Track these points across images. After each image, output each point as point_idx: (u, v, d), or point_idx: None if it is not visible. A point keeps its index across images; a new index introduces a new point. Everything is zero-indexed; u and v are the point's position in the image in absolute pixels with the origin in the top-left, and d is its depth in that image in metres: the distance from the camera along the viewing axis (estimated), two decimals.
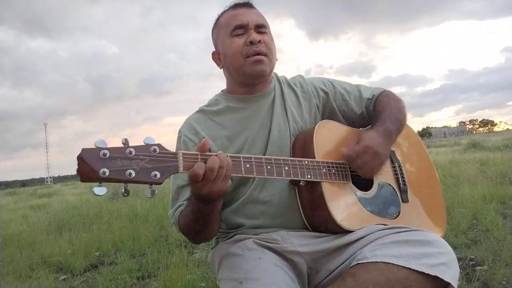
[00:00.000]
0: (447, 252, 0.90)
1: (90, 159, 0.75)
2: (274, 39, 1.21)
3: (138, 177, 0.78)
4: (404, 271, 0.85)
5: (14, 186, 47.18)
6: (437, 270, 0.85)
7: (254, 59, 1.12)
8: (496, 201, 3.64)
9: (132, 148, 0.78)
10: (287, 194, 1.11)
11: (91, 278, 2.83)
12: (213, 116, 1.22)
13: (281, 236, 1.08)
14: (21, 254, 3.56)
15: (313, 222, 1.09)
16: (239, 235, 1.14)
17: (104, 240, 3.69)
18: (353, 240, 1.00)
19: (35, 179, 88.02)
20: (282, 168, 0.99)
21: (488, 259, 2.18)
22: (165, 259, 2.83)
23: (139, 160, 0.79)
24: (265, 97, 1.22)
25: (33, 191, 17.28)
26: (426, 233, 0.95)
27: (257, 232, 1.12)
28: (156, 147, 0.81)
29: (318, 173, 1.04)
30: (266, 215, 1.12)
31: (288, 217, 1.11)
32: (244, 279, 0.95)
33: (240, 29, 1.14)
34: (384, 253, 0.89)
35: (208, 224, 1.03)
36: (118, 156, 0.77)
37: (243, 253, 1.05)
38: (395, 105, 1.23)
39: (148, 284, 2.53)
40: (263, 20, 1.18)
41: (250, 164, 0.94)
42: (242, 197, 1.14)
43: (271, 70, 1.18)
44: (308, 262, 1.04)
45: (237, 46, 1.13)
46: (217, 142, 1.17)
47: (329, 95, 1.26)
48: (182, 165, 0.83)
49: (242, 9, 1.18)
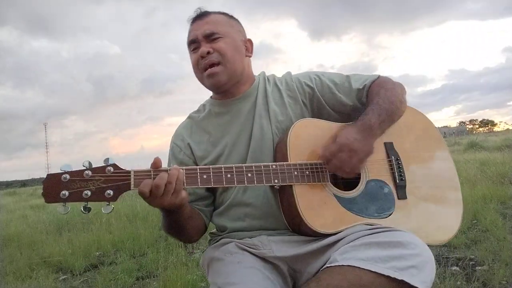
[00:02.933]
0: (419, 254, 0.86)
1: (52, 183, 0.88)
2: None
3: (94, 196, 0.89)
4: (369, 275, 0.82)
5: (14, 186, 47.17)
6: (405, 274, 0.82)
7: (206, 73, 1.15)
8: (496, 201, 3.64)
9: (89, 170, 0.89)
10: (269, 196, 1.11)
11: (91, 278, 2.83)
12: (199, 121, 1.25)
13: (261, 241, 1.08)
14: (21, 254, 3.55)
15: (293, 225, 1.08)
16: (224, 239, 1.15)
17: (104, 240, 3.69)
18: (332, 242, 0.98)
19: (35, 179, 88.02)
20: (244, 175, 0.99)
21: (488, 259, 2.18)
22: (164, 259, 2.83)
23: (95, 181, 0.90)
24: (247, 98, 1.22)
25: (33, 191, 17.28)
26: (401, 234, 0.91)
27: (240, 236, 1.13)
28: (111, 168, 0.91)
29: (288, 177, 1.02)
30: (250, 217, 1.13)
31: (271, 219, 1.11)
32: (222, 284, 0.96)
33: (193, 43, 1.18)
34: (352, 256, 0.86)
35: (182, 228, 1.09)
36: (76, 179, 0.88)
37: (224, 258, 1.07)
38: (385, 94, 1.13)
39: (148, 284, 2.53)
40: (214, 27, 1.16)
41: (207, 174, 0.97)
42: (227, 200, 1.16)
43: (232, 75, 1.16)
44: (289, 264, 1.04)
45: (194, 61, 1.18)
46: (201, 147, 1.20)
47: (315, 90, 1.20)
48: (133, 183, 0.92)
49: (196, 22, 1.19)
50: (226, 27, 1.18)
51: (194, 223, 1.12)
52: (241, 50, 1.19)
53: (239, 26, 1.24)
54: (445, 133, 53.36)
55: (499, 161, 5.82)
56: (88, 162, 0.90)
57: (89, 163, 0.90)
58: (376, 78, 1.21)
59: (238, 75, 1.18)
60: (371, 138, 1.06)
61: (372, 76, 1.22)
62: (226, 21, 1.20)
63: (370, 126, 1.06)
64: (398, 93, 1.16)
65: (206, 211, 1.19)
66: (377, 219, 1.05)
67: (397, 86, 1.19)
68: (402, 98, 1.17)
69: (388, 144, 1.17)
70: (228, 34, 1.17)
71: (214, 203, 1.22)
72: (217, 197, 1.21)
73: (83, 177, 0.88)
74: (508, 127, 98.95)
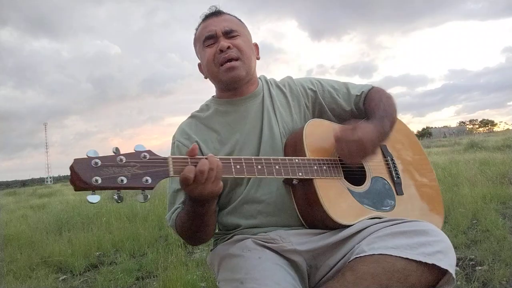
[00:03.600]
0: (442, 240, 0.92)
1: (82, 168, 0.77)
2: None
3: (130, 183, 0.80)
4: (401, 261, 0.87)
5: (14, 186, 47.20)
6: (434, 259, 0.87)
7: (226, 67, 1.16)
8: (496, 201, 3.64)
9: (122, 155, 0.81)
10: (282, 193, 1.12)
11: (91, 278, 2.83)
12: (204, 120, 1.25)
13: (279, 235, 1.08)
14: (21, 254, 3.56)
15: (309, 219, 1.10)
16: (238, 236, 1.14)
17: (104, 240, 3.70)
18: (350, 235, 1.01)
19: (35, 179, 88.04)
20: (272, 167, 1.00)
21: (488, 259, 2.19)
22: (164, 259, 2.82)
23: (130, 167, 0.81)
24: (253, 98, 1.24)
25: (33, 191, 17.29)
26: (421, 223, 0.97)
27: (255, 232, 1.13)
28: (146, 154, 0.84)
29: (310, 170, 1.05)
30: (263, 214, 1.13)
31: (284, 215, 1.12)
32: (244, 279, 0.95)
33: (210, 39, 1.19)
34: (381, 245, 0.90)
35: (204, 225, 1.05)
36: (109, 164, 0.79)
37: (243, 253, 1.05)
38: (388, 102, 1.22)
39: (148, 284, 2.53)
40: (233, 25, 1.21)
41: (240, 165, 0.96)
42: (238, 197, 1.16)
43: (248, 72, 1.20)
44: (307, 260, 1.05)
45: (210, 55, 1.18)
46: (209, 145, 1.19)
47: (317, 93, 1.28)
48: (173, 169, 0.86)
49: (211, 19, 1.22)
50: (241, 28, 1.24)
51: (214, 220, 1.11)
52: (253, 50, 1.26)
53: (248, 30, 1.29)
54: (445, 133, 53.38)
55: (499, 161, 5.82)
56: (117, 148, 0.82)
57: (117, 148, 0.82)
58: (371, 87, 1.30)
59: (251, 73, 1.23)
60: (382, 142, 1.14)
61: (366, 85, 1.33)
62: (240, 23, 1.26)
63: (385, 133, 1.13)
64: (394, 102, 1.25)
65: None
66: (384, 212, 1.13)
67: (392, 96, 1.28)
68: (396, 107, 1.25)
69: (382, 145, 1.27)
70: (244, 34, 1.23)
71: (218, 203, 1.21)
72: (223, 196, 1.19)
73: (116, 163, 0.79)
74: (508, 127, 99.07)
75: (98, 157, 0.79)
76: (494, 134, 28.82)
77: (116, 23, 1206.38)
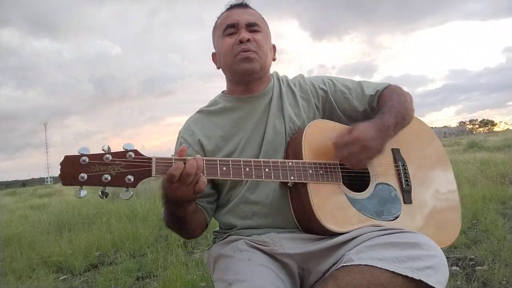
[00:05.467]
0: (435, 255, 0.88)
1: (71, 165, 0.85)
2: (275, 39, 1.24)
3: (114, 181, 0.87)
4: (387, 274, 0.84)
5: (14, 186, 47.18)
6: (422, 274, 0.83)
7: (241, 56, 1.13)
8: (496, 201, 3.64)
9: (109, 154, 0.87)
10: (279, 195, 1.11)
11: (91, 278, 2.84)
12: (211, 116, 1.24)
13: (271, 238, 1.07)
14: (21, 254, 3.56)
15: (304, 223, 1.08)
16: (232, 236, 1.14)
17: (104, 240, 3.70)
18: (343, 242, 0.99)
19: (35, 179, 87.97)
20: (262, 169, 0.99)
21: (488, 259, 2.19)
22: (164, 259, 2.83)
23: (115, 165, 0.87)
24: (262, 97, 1.22)
25: (33, 191, 17.28)
26: (416, 235, 0.93)
27: (249, 233, 1.12)
28: (132, 153, 0.89)
29: (303, 174, 1.03)
30: (258, 215, 1.13)
31: (280, 217, 1.11)
32: (232, 281, 0.96)
33: (231, 28, 1.17)
34: (369, 256, 0.87)
35: (185, 223, 1.07)
36: (96, 162, 0.86)
37: (234, 254, 1.06)
38: (398, 99, 1.17)
39: (148, 284, 2.53)
40: (256, 19, 1.19)
41: (226, 166, 0.96)
42: (235, 198, 1.15)
43: (262, 68, 1.18)
44: (299, 263, 1.04)
45: (228, 45, 1.16)
46: (211, 141, 1.19)
47: (328, 93, 1.24)
48: (155, 170, 0.90)
49: (236, 9, 1.20)
50: (264, 25, 1.22)
51: (197, 218, 1.12)
52: (271, 50, 1.25)
53: (269, 31, 1.27)
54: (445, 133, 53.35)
55: (499, 161, 5.82)
56: (107, 146, 0.87)
57: (108, 147, 0.87)
58: (387, 85, 1.25)
59: (265, 71, 1.21)
60: (386, 138, 1.08)
61: (383, 83, 1.26)
62: (263, 20, 1.24)
63: (388, 126, 1.08)
64: (408, 100, 1.20)
65: (208, 208, 1.19)
66: (386, 221, 1.08)
67: (407, 94, 1.22)
68: (412, 106, 1.20)
69: (395, 150, 1.20)
70: (265, 31, 1.22)
71: (218, 201, 1.22)
72: (223, 195, 1.19)
73: (103, 161, 0.86)
74: (508, 127, 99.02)
75: (87, 154, 0.86)
76: (494, 134, 28.80)
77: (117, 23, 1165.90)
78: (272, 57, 1.26)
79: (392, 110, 1.13)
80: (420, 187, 1.18)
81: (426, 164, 1.24)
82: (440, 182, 1.24)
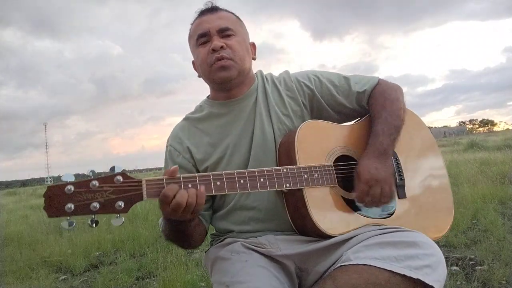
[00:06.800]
0: (433, 254, 0.88)
1: (55, 196, 0.80)
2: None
3: (103, 208, 0.82)
4: (385, 273, 0.83)
5: (14, 186, 47.15)
6: (420, 273, 0.83)
7: (217, 65, 1.11)
8: (496, 201, 3.63)
9: (96, 180, 0.82)
10: (274, 199, 1.10)
11: (91, 278, 2.83)
12: (197, 123, 1.22)
13: (268, 240, 1.07)
14: (21, 254, 3.56)
15: (300, 227, 1.07)
16: (229, 239, 1.14)
17: (104, 240, 3.70)
18: (341, 241, 0.98)
19: (35, 179, 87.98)
20: (257, 180, 0.96)
21: (487, 259, 2.18)
22: (164, 259, 2.82)
23: (103, 191, 0.82)
24: (247, 99, 1.19)
25: (33, 191, 17.27)
26: (414, 234, 0.93)
27: (246, 236, 1.12)
28: (120, 177, 0.84)
29: (298, 180, 1.01)
30: (254, 220, 1.12)
31: (276, 221, 1.11)
32: (231, 283, 0.95)
33: (203, 37, 1.14)
34: (367, 255, 0.87)
35: (186, 237, 1.06)
36: (82, 190, 0.81)
37: (231, 257, 1.05)
38: (392, 107, 1.14)
39: (148, 284, 2.53)
40: (228, 23, 1.15)
41: (220, 181, 0.93)
42: (230, 203, 1.15)
43: (240, 73, 1.14)
44: (297, 263, 1.04)
45: (203, 55, 1.13)
46: (200, 149, 1.17)
47: (314, 91, 1.19)
48: (146, 193, 0.86)
49: (206, 15, 1.16)
50: (237, 26, 1.18)
51: (200, 229, 1.11)
52: (249, 51, 1.20)
53: (246, 29, 1.23)
54: (445, 133, 53.33)
55: (499, 161, 5.82)
56: (92, 171, 0.83)
57: (93, 172, 0.83)
58: (376, 83, 1.21)
59: (244, 75, 1.17)
60: (388, 159, 1.08)
61: (372, 79, 1.22)
62: (236, 21, 1.19)
63: (385, 150, 1.07)
64: (401, 101, 1.17)
65: (206, 215, 1.18)
66: (382, 218, 1.07)
67: (398, 92, 1.19)
68: (404, 105, 1.18)
69: None
70: (239, 33, 1.17)
71: (213, 206, 1.21)
72: (217, 200, 1.19)
73: (89, 188, 0.81)
74: (508, 127, 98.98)
75: (72, 182, 0.80)
76: (494, 134, 28.80)
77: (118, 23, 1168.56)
78: (252, 57, 1.22)
79: (385, 128, 1.10)
80: (413, 180, 1.18)
81: (416, 155, 1.23)
82: (431, 171, 1.23)
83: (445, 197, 1.21)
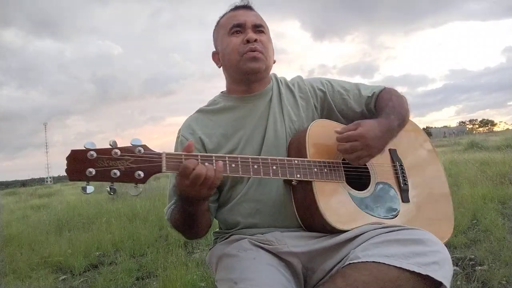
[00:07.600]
0: (439, 251, 0.90)
1: (77, 160, 0.81)
2: (277, 40, 1.25)
3: (123, 176, 0.84)
4: (394, 270, 0.85)
5: (14, 186, 47.18)
6: (429, 269, 0.85)
7: (249, 56, 1.15)
8: (496, 201, 3.63)
9: (118, 149, 0.84)
10: (282, 193, 1.12)
11: (91, 278, 2.83)
12: (210, 115, 1.25)
13: (275, 237, 1.08)
14: (21, 254, 3.55)
15: (307, 222, 1.09)
16: (235, 236, 1.15)
17: (104, 240, 3.69)
18: (347, 239, 1.00)
19: (35, 179, 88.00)
20: (269, 167, 1.00)
21: (487, 259, 2.19)
22: (164, 259, 2.83)
23: (125, 161, 0.84)
24: (262, 97, 1.24)
25: (33, 191, 17.25)
26: (419, 232, 0.95)
27: (252, 232, 1.13)
28: (141, 148, 0.86)
29: (309, 173, 1.04)
30: (262, 213, 1.13)
31: (283, 216, 1.12)
32: (239, 280, 0.96)
33: (238, 27, 1.18)
34: (375, 253, 0.89)
35: (195, 223, 1.07)
36: (104, 157, 0.82)
37: (238, 254, 1.06)
38: (398, 100, 1.21)
39: (148, 284, 2.53)
40: (261, 21, 1.22)
41: (235, 163, 0.96)
42: (238, 195, 1.16)
43: (266, 69, 1.20)
44: (303, 262, 1.04)
45: (234, 44, 1.17)
46: (212, 139, 1.19)
47: (327, 94, 1.26)
48: (165, 165, 0.88)
49: (241, 10, 1.23)
50: (267, 28, 1.25)
51: (207, 218, 1.13)
52: (273, 52, 1.26)
53: None
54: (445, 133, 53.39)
55: (499, 161, 5.81)
56: (114, 141, 0.84)
57: (114, 141, 0.84)
58: (383, 88, 1.29)
59: (267, 72, 1.23)
60: (388, 139, 1.11)
61: (379, 86, 1.30)
62: (266, 24, 1.26)
63: (392, 128, 1.11)
64: (406, 102, 1.24)
65: (212, 207, 1.19)
66: (386, 219, 1.09)
67: (403, 98, 1.25)
68: (408, 108, 1.23)
69: (392, 150, 1.24)
70: (268, 34, 1.25)
71: (219, 200, 1.22)
72: (224, 193, 1.20)
73: (111, 155, 0.83)
74: (508, 127, 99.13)
75: (94, 149, 0.82)
76: (494, 134, 28.80)
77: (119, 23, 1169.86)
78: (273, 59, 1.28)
79: (395, 111, 1.15)
80: (416, 185, 1.22)
81: (418, 162, 1.28)
82: (432, 178, 1.29)
83: (445, 206, 1.25)
